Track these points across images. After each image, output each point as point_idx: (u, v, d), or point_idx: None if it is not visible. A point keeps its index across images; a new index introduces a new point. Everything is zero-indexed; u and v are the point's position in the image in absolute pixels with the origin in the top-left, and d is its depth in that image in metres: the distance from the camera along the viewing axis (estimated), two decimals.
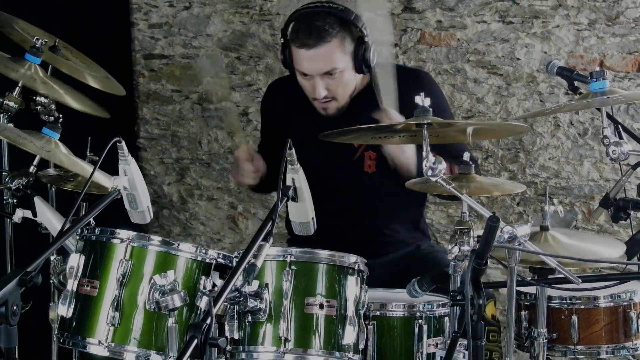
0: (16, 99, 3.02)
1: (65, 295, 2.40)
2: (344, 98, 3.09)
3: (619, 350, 2.75)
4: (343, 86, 3.06)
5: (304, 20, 3.01)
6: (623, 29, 3.91)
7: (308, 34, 2.97)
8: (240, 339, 2.41)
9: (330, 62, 2.99)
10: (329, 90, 3.04)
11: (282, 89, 3.37)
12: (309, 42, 2.97)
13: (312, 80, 3.04)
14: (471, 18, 4.16)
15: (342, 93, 3.07)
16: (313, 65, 3.01)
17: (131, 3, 4.80)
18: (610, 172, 4.02)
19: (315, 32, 2.96)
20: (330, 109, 3.10)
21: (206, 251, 2.46)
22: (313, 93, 3.06)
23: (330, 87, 3.04)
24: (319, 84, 3.03)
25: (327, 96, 3.05)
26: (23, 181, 3.01)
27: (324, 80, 3.03)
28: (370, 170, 3.16)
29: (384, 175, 3.11)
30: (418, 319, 2.57)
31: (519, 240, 2.21)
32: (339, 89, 3.06)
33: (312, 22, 2.98)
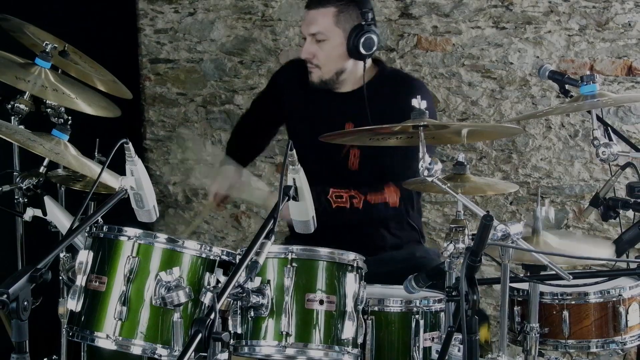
0: (27, 102, 3.02)
1: (74, 290, 2.40)
2: (329, 71, 3.13)
3: (609, 345, 2.75)
4: (326, 56, 3.11)
5: None
6: (612, 35, 3.91)
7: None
8: (243, 334, 2.41)
9: (320, 24, 3.08)
10: (313, 56, 3.11)
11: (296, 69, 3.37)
12: (312, 3, 3.11)
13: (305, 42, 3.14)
14: (466, 24, 4.16)
15: (324, 63, 3.12)
16: (306, 25, 3.13)
17: (138, 9, 4.80)
18: (600, 172, 4.02)
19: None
20: (313, 75, 3.16)
21: (210, 248, 2.46)
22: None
23: (315, 52, 3.11)
24: (307, 44, 3.12)
25: (310, 60, 3.12)
26: (33, 181, 3.01)
27: (312, 43, 3.10)
28: (353, 167, 3.16)
29: (366, 173, 3.12)
30: (415, 314, 2.57)
31: (512, 238, 2.21)
32: (322, 58, 3.11)
33: None
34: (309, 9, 3.12)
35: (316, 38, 3.08)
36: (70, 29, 3.41)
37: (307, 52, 3.12)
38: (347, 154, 3.15)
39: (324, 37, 3.07)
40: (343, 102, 3.16)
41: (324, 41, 3.08)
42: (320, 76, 3.14)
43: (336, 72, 3.13)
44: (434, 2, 4.20)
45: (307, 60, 3.14)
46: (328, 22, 3.06)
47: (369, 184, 3.11)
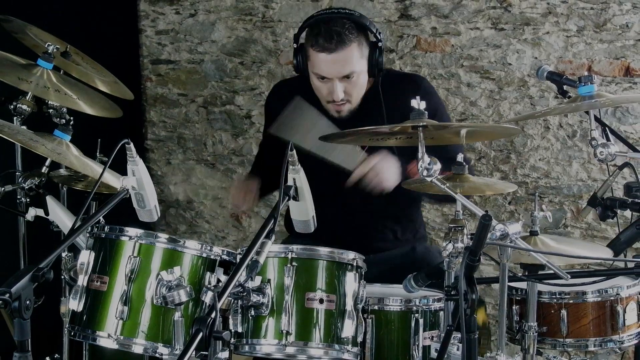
0: (29, 103, 3.02)
1: (76, 290, 2.40)
2: (357, 100, 3.08)
3: (606, 343, 2.75)
4: (358, 89, 3.05)
5: (324, 25, 2.99)
6: (610, 36, 3.91)
7: (329, 39, 2.95)
8: (243, 332, 2.41)
9: (350, 65, 2.98)
10: (346, 93, 3.03)
11: (284, 90, 3.36)
12: (331, 46, 2.95)
13: (329, 83, 3.01)
14: (465, 25, 4.16)
15: (355, 95, 3.06)
16: (333, 69, 2.98)
17: (139, 10, 4.80)
18: (598, 172, 4.02)
19: (337, 36, 2.95)
20: (343, 111, 3.07)
21: (211, 248, 2.46)
22: (330, 96, 3.03)
23: (347, 90, 3.03)
24: (337, 86, 3.00)
25: (343, 99, 3.04)
26: (36, 181, 3.01)
27: (342, 83, 3.01)
28: None
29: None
30: (414, 313, 2.58)
31: (511, 237, 2.21)
32: (354, 92, 3.04)
33: (332, 27, 2.97)
34: (328, 53, 2.95)
35: (347, 77, 3.00)
36: (72, 30, 3.41)
37: (340, 93, 3.01)
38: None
39: (357, 73, 3.01)
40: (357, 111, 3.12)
41: (358, 75, 3.02)
42: (350, 108, 3.07)
43: (361, 97, 3.09)
44: (433, 3, 4.20)
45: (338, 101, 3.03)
46: (356, 59, 2.99)
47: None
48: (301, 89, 3.19)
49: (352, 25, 2.99)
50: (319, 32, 2.98)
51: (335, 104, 3.05)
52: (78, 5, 4.27)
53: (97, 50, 3.41)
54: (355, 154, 2.90)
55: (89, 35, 3.91)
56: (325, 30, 2.97)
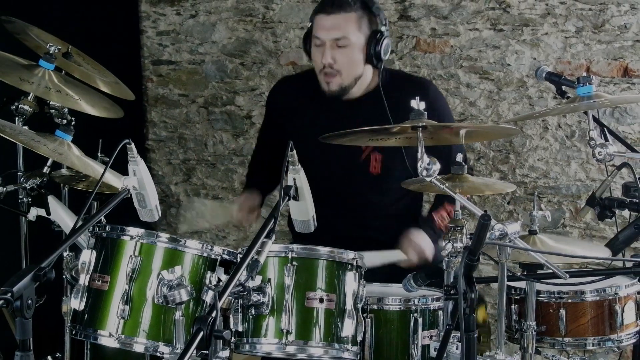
0: (30, 103, 3.02)
1: (77, 289, 2.40)
2: (348, 77, 3.07)
3: (605, 342, 2.75)
4: (349, 62, 3.04)
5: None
6: (608, 36, 3.91)
7: (331, 2, 3.03)
8: (244, 331, 2.41)
9: (343, 29, 3.00)
10: (335, 61, 3.03)
11: (287, 87, 3.36)
12: (331, 8, 3.02)
13: (323, 47, 3.03)
14: (464, 26, 4.16)
15: (346, 69, 3.05)
16: (327, 30, 3.02)
17: (140, 11, 4.80)
18: (596, 172, 4.02)
19: (337, 2, 3.02)
20: (333, 83, 3.06)
21: (212, 248, 2.46)
22: (321, 60, 3.04)
23: (337, 58, 3.03)
24: (327, 50, 3.02)
25: (332, 65, 3.03)
26: (37, 181, 3.01)
27: (333, 49, 3.02)
28: (375, 171, 3.15)
29: (389, 176, 3.11)
30: (413, 312, 2.57)
31: (510, 237, 2.21)
32: (344, 63, 3.03)
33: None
34: (327, 14, 3.02)
35: (338, 43, 3.01)
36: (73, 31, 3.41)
37: (329, 57, 3.02)
38: (368, 158, 3.14)
39: (346, 43, 3.01)
40: (355, 108, 3.12)
41: (346, 47, 3.01)
42: (340, 83, 3.06)
43: (355, 78, 3.08)
44: (432, 4, 4.20)
45: (326, 66, 3.04)
46: (352, 28, 3.01)
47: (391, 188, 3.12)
48: (304, 85, 3.19)
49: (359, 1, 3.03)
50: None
51: (325, 72, 3.05)
52: (79, 7, 4.27)
53: (98, 51, 3.41)
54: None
55: (91, 36, 3.91)
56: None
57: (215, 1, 4.65)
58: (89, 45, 3.38)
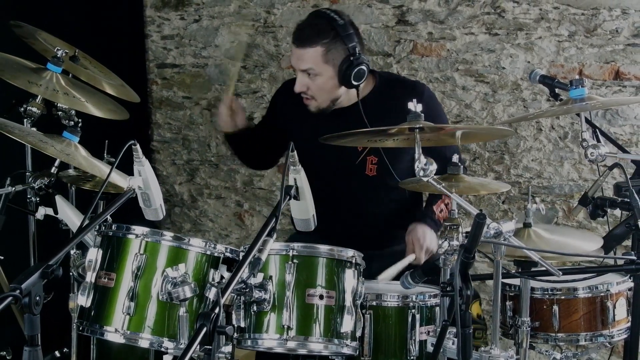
0: (39, 105, 3.02)
1: (84, 286, 2.40)
2: (324, 101, 3.12)
3: (597, 338, 2.75)
4: (320, 89, 3.09)
5: (305, 22, 3.12)
6: (600, 40, 3.91)
7: (300, 34, 3.09)
8: (246, 327, 2.41)
9: (307, 63, 3.05)
10: (308, 88, 3.10)
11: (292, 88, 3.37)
12: (298, 42, 3.08)
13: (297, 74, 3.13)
14: (460, 30, 4.16)
15: (319, 95, 3.11)
16: (296, 61, 3.11)
17: (145, 16, 4.80)
18: (589, 172, 4.02)
19: (305, 36, 3.06)
20: (310, 105, 3.15)
21: (215, 246, 2.46)
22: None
23: (309, 86, 3.10)
24: (298, 79, 3.11)
25: (305, 93, 3.12)
26: (45, 181, 3.01)
27: (303, 77, 3.09)
28: (371, 173, 3.16)
29: (383, 178, 3.12)
30: (411, 308, 2.58)
31: (504, 235, 2.21)
32: (316, 90, 3.10)
33: (308, 26, 3.08)
34: (296, 46, 3.09)
35: (308, 72, 3.07)
36: (80, 35, 3.41)
37: (301, 84, 3.10)
38: (364, 160, 3.15)
39: (315, 73, 3.06)
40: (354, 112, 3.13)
41: (316, 75, 3.06)
42: (317, 105, 3.14)
43: (331, 100, 3.13)
44: (429, 9, 4.20)
45: (301, 93, 3.12)
46: (317, 60, 3.04)
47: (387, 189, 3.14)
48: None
49: (330, 31, 3.03)
50: (299, 26, 3.13)
51: (302, 95, 3.14)
52: (86, 11, 4.28)
53: (104, 55, 3.41)
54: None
55: (97, 40, 3.91)
56: (302, 25, 3.11)
57: (218, 6, 4.65)
58: (95, 48, 3.38)
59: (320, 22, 3.05)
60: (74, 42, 3.22)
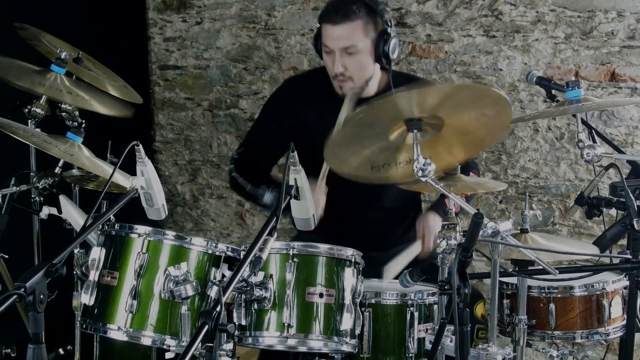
0: (43, 106, 3.02)
1: (87, 285, 2.40)
2: (360, 80, 3.04)
3: (593, 335, 2.75)
4: (359, 67, 3.02)
5: (336, 2, 3.03)
6: (596, 43, 3.91)
7: (336, 11, 2.99)
8: (247, 325, 2.41)
9: (351, 39, 2.97)
10: (346, 68, 3.01)
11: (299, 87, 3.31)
12: (336, 18, 2.98)
13: (333, 55, 3.02)
14: (458, 32, 4.16)
15: (358, 74, 3.03)
16: (335, 40, 2.99)
17: (148, 18, 4.80)
18: (585, 172, 4.02)
19: (343, 10, 2.98)
20: (345, 87, 3.04)
21: (216, 245, 2.46)
22: (332, 69, 3.03)
23: (347, 65, 3.00)
24: (337, 59, 3.00)
25: (343, 73, 3.01)
26: (49, 181, 3.01)
27: (342, 57, 3.00)
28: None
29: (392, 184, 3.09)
30: (410, 306, 2.58)
31: (502, 235, 2.21)
32: (355, 69, 3.01)
33: (341, 4, 3.00)
34: (333, 24, 2.98)
35: (347, 51, 2.99)
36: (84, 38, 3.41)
37: (339, 67, 3.00)
38: None
39: (355, 50, 2.98)
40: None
41: (355, 53, 2.99)
42: (352, 87, 3.04)
43: (366, 80, 3.06)
44: (427, 12, 4.20)
45: (338, 75, 3.02)
46: (359, 35, 2.97)
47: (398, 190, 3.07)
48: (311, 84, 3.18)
49: (362, 5, 3.00)
50: (330, 6, 3.03)
51: (338, 79, 3.04)
52: (89, 14, 4.28)
53: (107, 56, 3.41)
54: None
55: (100, 42, 3.91)
56: (335, 4, 3.02)
57: (219, 9, 4.65)
58: (98, 50, 3.38)
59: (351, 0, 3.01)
60: (78, 44, 3.22)
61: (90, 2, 4.32)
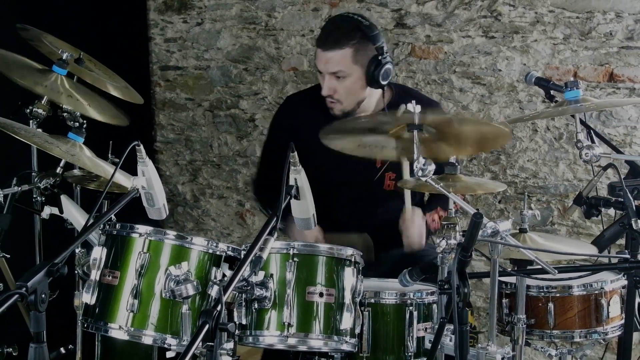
0: (44, 107, 3.02)
1: (89, 284, 2.40)
2: (350, 103, 3.08)
3: (591, 335, 2.75)
4: (348, 91, 3.05)
5: (330, 25, 3.10)
6: (595, 43, 3.91)
7: (326, 38, 3.04)
8: (247, 324, 2.41)
9: (339, 65, 3.01)
10: (335, 91, 3.05)
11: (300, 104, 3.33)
12: (326, 45, 3.02)
13: (323, 77, 3.07)
14: (457, 33, 4.16)
15: (346, 98, 3.06)
16: (324, 64, 3.04)
17: (149, 19, 4.81)
18: (583, 172, 4.02)
19: (333, 37, 3.02)
20: (335, 109, 3.10)
21: (217, 244, 2.46)
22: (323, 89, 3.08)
23: (336, 89, 3.04)
24: (325, 82, 3.05)
25: (332, 96, 3.06)
26: (50, 181, 3.01)
27: (331, 80, 3.04)
28: (388, 189, 3.15)
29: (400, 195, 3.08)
30: (409, 305, 2.58)
31: (501, 234, 2.21)
32: (343, 93, 3.05)
33: (335, 29, 3.05)
34: (324, 50, 3.02)
35: (336, 75, 3.02)
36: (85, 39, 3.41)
37: (329, 88, 3.04)
38: (382, 177, 3.14)
39: (344, 74, 3.01)
40: None
41: (344, 77, 3.02)
42: (342, 109, 3.08)
43: (357, 103, 3.09)
44: (427, 13, 4.20)
45: (327, 96, 3.07)
46: (347, 62, 3.00)
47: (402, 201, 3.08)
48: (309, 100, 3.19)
49: (356, 32, 3.01)
50: (324, 30, 3.09)
51: (328, 99, 3.08)
52: (91, 15, 4.28)
53: (109, 57, 3.41)
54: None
55: (102, 42, 3.91)
56: (328, 30, 3.07)
57: (220, 10, 4.66)
58: (100, 51, 3.38)
59: (346, 24, 3.04)
60: (79, 45, 3.22)
61: (91, 3, 4.32)
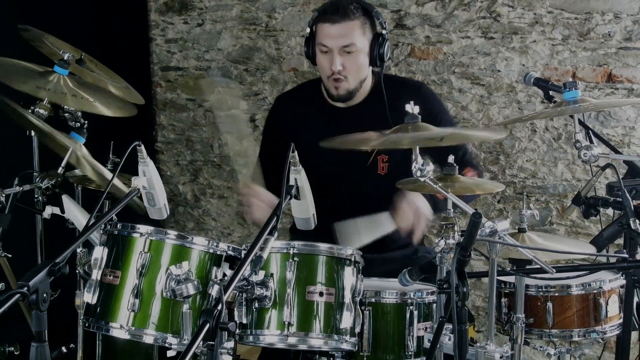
0: (46, 107, 3.02)
1: (90, 284, 2.40)
2: (355, 80, 3.06)
3: (590, 334, 2.75)
4: (356, 67, 3.03)
5: (332, 4, 3.04)
6: (593, 44, 3.91)
7: (335, 11, 3.00)
8: (248, 324, 2.41)
9: (350, 37, 2.99)
10: (344, 67, 3.01)
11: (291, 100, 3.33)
12: (335, 17, 2.99)
13: (330, 54, 3.01)
14: (456, 34, 4.16)
15: (354, 74, 3.04)
16: (335, 38, 2.99)
17: (150, 20, 4.81)
18: (582, 172, 4.02)
19: (342, 9, 3.00)
20: (341, 88, 3.05)
21: (217, 244, 2.45)
22: (329, 68, 3.02)
23: (345, 64, 3.01)
24: (336, 57, 3.00)
25: (340, 72, 3.02)
26: (52, 181, 3.01)
27: (341, 55, 3.00)
28: (383, 172, 3.13)
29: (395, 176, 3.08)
30: (409, 305, 2.58)
31: (499, 234, 2.21)
32: (352, 68, 3.02)
33: (339, 5, 3.02)
34: (332, 23, 2.99)
35: (346, 50, 2.99)
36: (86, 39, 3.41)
37: (339, 64, 3.00)
38: (375, 160, 3.13)
39: (354, 49, 2.99)
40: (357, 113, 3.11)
41: (353, 52, 3.00)
42: (347, 87, 3.05)
43: (360, 81, 3.08)
44: (426, 13, 4.20)
45: (335, 73, 3.02)
46: (357, 34, 2.99)
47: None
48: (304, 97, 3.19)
49: (359, 6, 3.02)
50: (327, 7, 3.04)
51: (334, 78, 3.03)
52: (92, 16, 4.28)
53: (110, 58, 3.41)
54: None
55: (103, 43, 3.91)
56: (332, 5, 3.03)
57: (220, 10, 4.66)
58: (101, 52, 3.38)
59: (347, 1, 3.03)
60: (81, 45, 3.22)
61: (92, 4, 4.32)
